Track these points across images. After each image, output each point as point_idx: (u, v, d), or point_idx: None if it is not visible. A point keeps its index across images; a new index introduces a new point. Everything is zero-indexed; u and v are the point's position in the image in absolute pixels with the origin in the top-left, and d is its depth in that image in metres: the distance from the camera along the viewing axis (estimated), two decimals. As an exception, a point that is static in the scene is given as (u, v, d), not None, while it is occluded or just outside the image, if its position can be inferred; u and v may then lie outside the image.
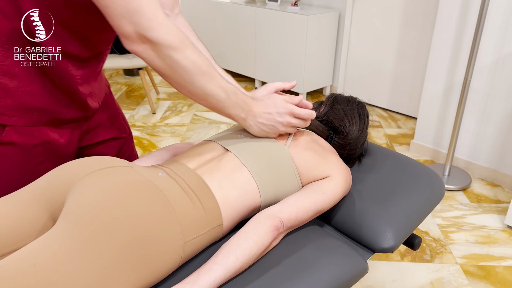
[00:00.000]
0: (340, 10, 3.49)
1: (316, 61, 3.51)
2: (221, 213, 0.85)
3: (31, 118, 0.90)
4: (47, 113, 0.93)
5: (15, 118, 0.89)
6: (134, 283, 0.70)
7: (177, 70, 0.81)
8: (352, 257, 0.86)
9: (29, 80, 0.88)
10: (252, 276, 0.78)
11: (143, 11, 0.75)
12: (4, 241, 0.77)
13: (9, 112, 0.88)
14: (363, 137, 1.13)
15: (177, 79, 0.83)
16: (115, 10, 0.74)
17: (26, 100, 0.89)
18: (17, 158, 0.92)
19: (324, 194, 0.92)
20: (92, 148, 1.11)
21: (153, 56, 0.79)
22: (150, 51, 0.78)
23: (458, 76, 2.42)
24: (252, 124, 0.95)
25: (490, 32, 2.21)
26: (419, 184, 1.07)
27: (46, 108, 0.92)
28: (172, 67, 0.80)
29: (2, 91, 0.86)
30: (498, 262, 1.79)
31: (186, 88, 0.84)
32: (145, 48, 0.77)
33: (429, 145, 2.68)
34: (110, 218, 0.71)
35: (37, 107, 0.91)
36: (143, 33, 0.76)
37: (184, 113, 3.36)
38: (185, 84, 0.83)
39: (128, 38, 0.77)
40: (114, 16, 0.75)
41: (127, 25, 0.75)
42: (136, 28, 0.75)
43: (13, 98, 0.87)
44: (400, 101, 3.35)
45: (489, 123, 2.36)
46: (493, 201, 2.24)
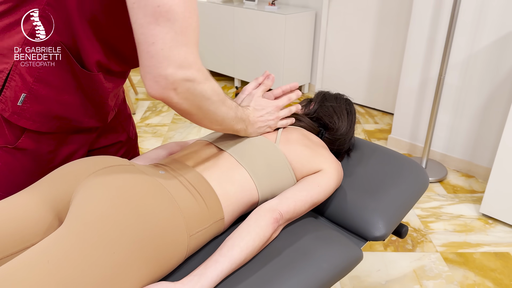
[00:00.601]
0: (316, 10, 3.55)
1: (294, 60, 3.57)
2: (222, 207, 0.88)
3: (53, 126, 0.91)
4: (70, 122, 0.93)
5: (39, 124, 0.89)
6: (145, 276, 0.73)
7: (205, 106, 0.80)
8: (348, 245, 0.91)
9: (61, 90, 0.88)
10: (256, 267, 0.82)
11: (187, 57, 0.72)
12: (11, 241, 0.78)
13: (36, 118, 0.88)
14: (351, 132, 1.18)
15: (203, 114, 0.82)
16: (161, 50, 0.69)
17: (55, 108, 0.89)
18: (28, 164, 0.93)
19: (319, 187, 0.96)
20: (99, 151, 1.13)
21: (184, 99, 0.75)
22: (181, 94, 0.74)
23: (432, 72, 2.51)
24: (252, 132, 1.01)
25: (462, 30, 2.31)
26: (405, 175, 1.12)
27: (70, 117, 0.93)
28: (200, 105, 0.79)
29: (34, 97, 0.86)
30: (475, 248, 1.89)
31: (209, 119, 0.85)
32: (177, 93, 0.73)
33: (406, 139, 2.77)
34: (119, 215, 0.73)
35: (62, 116, 0.91)
36: (181, 75, 0.72)
37: (165, 113, 3.36)
38: (209, 116, 0.84)
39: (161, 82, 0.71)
40: (156, 56, 0.70)
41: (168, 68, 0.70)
42: (176, 72, 0.71)
43: (43, 106, 0.87)
44: (376, 98, 3.44)
45: (463, 117, 2.46)
46: (468, 191, 2.34)
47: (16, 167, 0.92)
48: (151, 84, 0.72)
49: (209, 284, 0.76)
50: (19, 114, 0.87)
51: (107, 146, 1.13)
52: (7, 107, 0.86)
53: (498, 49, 2.22)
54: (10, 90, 0.85)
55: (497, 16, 2.17)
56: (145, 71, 0.72)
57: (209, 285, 0.76)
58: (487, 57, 2.27)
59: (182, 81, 0.72)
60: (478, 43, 2.28)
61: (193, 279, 0.76)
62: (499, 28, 2.18)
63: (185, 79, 0.72)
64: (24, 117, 0.87)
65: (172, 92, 0.73)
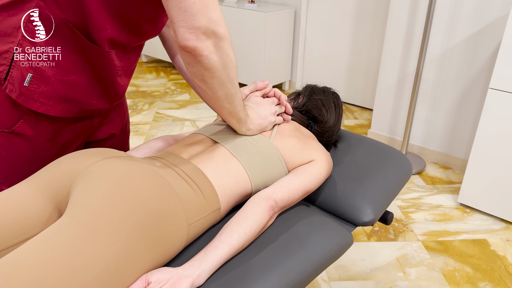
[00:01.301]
0: (295, 7, 3.60)
1: (274, 57, 3.61)
2: (218, 198, 0.91)
3: (62, 109, 0.91)
4: (78, 104, 0.94)
5: (48, 107, 0.89)
6: (148, 262, 0.75)
7: (228, 66, 0.83)
8: (339, 230, 0.95)
9: (68, 70, 0.88)
10: (254, 252, 0.85)
11: (216, 10, 0.76)
12: (10, 232, 0.79)
13: (43, 100, 0.88)
14: (339, 124, 1.23)
15: (223, 78, 0.84)
16: (193, 3, 0.73)
17: (62, 89, 0.89)
18: (25, 150, 0.93)
19: (311, 176, 1.00)
20: (95, 145, 1.13)
21: (213, 53, 0.79)
22: (212, 47, 0.78)
23: (410, 68, 2.59)
24: (252, 128, 1.04)
25: (438, 26, 2.39)
26: (390, 164, 1.17)
27: (78, 99, 0.93)
28: (226, 62, 0.82)
29: (41, 77, 0.86)
30: (454, 236, 1.96)
31: (226, 88, 0.87)
32: (208, 44, 0.77)
33: (385, 134, 2.85)
34: (122, 203, 0.75)
35: (70, 98, 0.91)
36: (213, 27, 0.76)
37: (146, 111, 3.35)
38: (226, 84, 0.86)
39: (195, 33, 0.75)
40: (190, 9, 0.74)
41: (201, 20, 0.75)
42: (209, 23, 0.75)
43: (49, 86, 0.88)
44: (355, 94, 3.52)
45: (440, 111, 2.54)
46: (446, 182, 2.42)
47: (13, 152, 0.92)
48: (186, 36, 0.75)
49: (210, 268, 0.78)
50: (26, 95, 0.87)
51: (102, 140, 1.14)
52: (14, 87, 0.86)
53: (472, 44, 2.31)
54: (16, 70, 0.85)
55: (471, 13, 2.26)
56: (179, 25, 0.75)
57: (209, 269, 0.78)
58: (462, 52, 2.35)
59: (214, 34, 0.77)
60: (453, 39, 2.36)
61: (194, 264, 0.78)
62: (473, 24, 2.27)
63: (216, 32, 0.77)
64: (31, 98, 0.87)
65: (204, 44, 0.77)
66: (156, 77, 4.19)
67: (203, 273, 0.77)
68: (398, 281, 1.69)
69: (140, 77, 4.19)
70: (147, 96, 3.65)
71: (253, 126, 1.04)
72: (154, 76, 4.22)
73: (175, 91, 3.80)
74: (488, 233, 1.99)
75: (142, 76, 4.22)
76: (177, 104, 3.48)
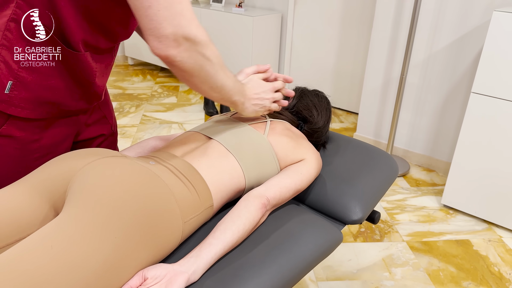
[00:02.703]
0: (282, 12, 3.64)
1: (261, 61, 3.64)
2: (211, 195, 0.93)
3: (42, 112, 0.92)
4: (58, 106, 0.94)
5: (29, 111, 0.90)
6: (144, 259, 0.76)
7: (205, 67, 0.84)
8: (330, 228, 0.98)
9: (48, 75, 0.89)
10: (247, 249, 0.87)
11: (184, 14, 0.76)
12: (7, 231, 0.79)
13: (24, 105, 0.89)
14: (328, 125, 1.26)
15: (204, 77, 0.86)
16: (158, 12, 0.74)
17: (42, 93, 0.90)
18: (13, 152, 0.93)
19: (302, 175, 1.02)
20: (84, 144, 1.14)
21: (186, 58, 0.80)
22: (184, 53, 0.79)
23: (395, 72, 2.64)
24: (248, 107, 1.04)
25: (422, 32, 2.45)
26: (377, 164, 1.21)
27: (58, 101, 0.94)
28: (202, 65, 0.83)
29: (21, 84, 0.87)
30: (438, 237, 2.01)
31: (208, 84, 0.88)
32: (180, 51, 0.78)
33: (371, 137, 2.89)
34: (118, 201, 0.76)
35: (50, 101, 0.92)
36: (182, 33, 0.77)
37: (133, 114, 3.34)
38: (209, 80, 0.88)
39: (164, 41, 0.76)
40: (155, 18, 0.75)
41: (168, 28, 0.75)
42: (177, 30, 0.76)
43: (30, 92, 0.88)
44: (341, 98, 3.56)
45: (423, 115, 2.60)
46: (430, 184, 2.48)
47: (2, 155, 0.92)
48: (155, 45, 0.77)
49: (204, 264, 0.80)
50: (7, 102, 0.87)
51: (91, 139, 1.14)
52: None
53: (455, 50, 2.37)
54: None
55: (454, 19, 2.32)
56: (148, 34, 0.77)
57: (204, 265, 0.80)
58: (445, 57, 2.41)
59: (184, 40, 0.77)
60: (436, 45, 2.43)
61: (189, 261, 0.80)
62: (456, 31, 2.33)
63: (185, 37, 0.77)
64: (12, 104, 0.88)
65: (175, 50, 0.77)
66: (142, 80, 4.18)
67: (198, 269, 0.79)
68: (384, 281, 1.73)
69: (126, 79, 4.17)
70: (133, 99, 3.64)
71: (249, 105, 1.05)
72: (140, 79, 4.21)
73: (162, 94, 3.79)
74: (471, 233, 2.04)
75: (128, 79, 4.20)
76: (164, 107, 3.48)
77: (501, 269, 1.80)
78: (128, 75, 4.34)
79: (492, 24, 1.83)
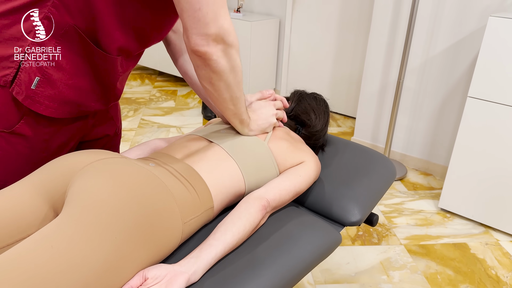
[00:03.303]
0: (280, 17, 3.66)
1: (259, 65, 3.66)
2: (212, 197, 0.93)
3: (64, 111, 0.95)
4: (79, 106, 0.97)
5: (52, 109, 0.93)
6: (144, 259, 0.77)
7: (233, 72, 0.91)
8: (329, 230, 0.99)
9: (73, 74, 0.92)
10: (247, 250, 0.88)
11: (226, 17, 0.83)
12: (7, 231, 0.79)
13: (48, 103, 0.91)
14: (326, 128, 1.27)
15: (230, 82, 0.92)
16: (207, 14, 0.80)
17: (66, 92, 0.93)
18: (23, 150, 0.94)
19: (301, 177, 1.03)
20: (89, 144, 1.15)
21: (222, 57, 0.86)
22: (220, 52, 0.85)
23: (392, 77, 2.66)
24: (254, 129, 1.09)
25: (419, 37, 2.47)
26: (375, 167, 1.22)
27: (80, 101, 0.96)
28: (233, 67, 0.90)
29: (47, 81, 0.89)
30: (435, 240, 2.02)
31: (230, 92, 0.94)
32: (217, 49, 0.85)
33: (368, 141, 2.91)
34: (118, 202, 0.76)
35: (73, 100, 0.95)
36: (223, 35, 0.83)
37: (131, 117, 3.35)
38: (232, 88, 0.93)
39: (206, 39, 0.83)
40: (203, 19, 0.81)
41: (213, 28, 0.81)
42: (219, 31, 0.82)
43: (55, 90, 0.91)
44: (338, 102, 3.58)
45: (420, 119, 2.62)
46: (427, 188, 2.49)
47: (11, 153, 0.94)
48: (198, 41, 0.83)
49: (205, 265, 0.81)
50: (32, 98, 0.90)
51: (97, 139, 1.15)
52: (21, 90, 0.88)
53: (451, 55, 2.39)
54: (24, 73, 0.87)
55: (450, 25, 2.34)
56: (192, 32, 0.83)
57: (204, 266, 0.81)
58: (442, 62, 2.43)
59: (223, 41, 0.84)
60: (433, 50, 2.45)
61: (190, 261, 0.80)
62: (452, 36, 2.36)
63: (225, 39, 0.84)
64: (37, 101, 0.90)
65: (214, 48, 0.84)
66: (140, 84, 4.19)
67: (198, 270, 0.79)
68: (382, 284, 1.73)
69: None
70: (132, 103, 3.65)
71: (255, 127, 1.09)
72: (138, 83, 4.22)
73: (160, 98, 3.80)
74: (468, 237, 2.05)
75: (126, 83, 4.21)
76: (162, 111, 3.49)
77: (498, 272, 1.81)
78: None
79: (488, 29, 1.85)
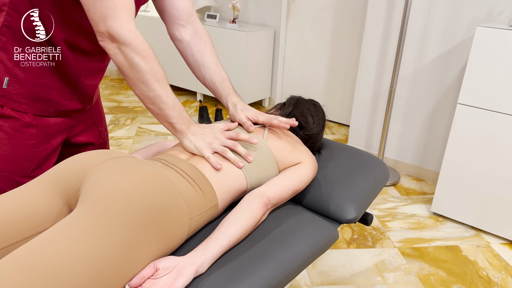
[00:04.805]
0: (275, 28, 3.74)
1: (255, 75, 3.72)
2: (216, 195, 0.99)
3: (38, 108, 1.03)
4: (52, 104, 1.05)
5: (26, 105, 1.01)
6: (154, 251, 0.82)
7: (135, 70, 0.96)
8: (327, 226, 1.04)
9: (39, 74, 1.00)
10: (250, 244, 0.93)
11: (116, 19, 0.91)
12: (24, 226, 0.84)
13: (21, 99, 1.00)
14: (322, 131, 1.33)
15: (134, 79, 0.97)
16: (95, 14, 0.91)
17: (36, 90, 1.02)
18: (13, 133, 1.02)
19: (300, 176, 1.09)
20: (74, 149, 1.20)
21: (118, 54, 0.94)
22: (116, 49, 0.94)
23: (384, 85, 2.73)
24: (188, 138, 1.05)
25: (410, 46, 2.55)
26: (369, 168, 1.27)
27: (51, 99, 1.05)
28: (131, 65, 0.95)
29: (16, 80, 0.99)
30: (428, 243, 2.07)
31: (140, 89, 0.99)
32: (113, 46, 0.94)
33: (361, 148, 2.97)
34: (130, 197, 0.81)
35: (44, 98, 1.03)
36: (114, 34, 0.92)
37: (128, 126, 3.39)
38: (139, 85, 0.98)
39: (101, 35, 0.93)
40: (93, 18, 0.92)
41: (101, 26, 0.92)
42: (109, 30, 0.92)
43: (25, 88, 1.00)
44: (332, 110, 3.65)
45: (412, 126, 2.69)
46: (420, 193, 2.55)
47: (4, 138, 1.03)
48: (97, 36, 0.94)
49: (211, 257, 0.85)
50: (6, 97, 0.99)
51: (81, 145, 1.22)
52: None
53: (441, 63, 2.47)
54: None
55: (440, 34, 2.43)
56: (93, 28, 0.94)
57: (211, 258, 0.85)
58: (433, 70, 2.51)
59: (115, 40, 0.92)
60: (424, 58, 2.53)
61: (197, 254, 0.85)
62: (442, 45, 2.44)
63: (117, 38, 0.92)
64: (10, 99, 1.00)
65: (109, 45, 0.94)
66: (137, 93, 4.23)
67: (205, 262, 0.84)
68: (377, 285, 1.78)
69: (121, 93, 4.23)
70: (129, 112, 3.69)
71: (190, 137, 1.05)
72: (135, 92, 4.26)
73: (157, 107, 3.84)
74: (460, 240, 2.11)
75: (123, 92, 4.26)
76: (159, 120, 3.53)
77: (489, 273, 1.87)
78: (123, 88, 4.40)
79: (475, 39, 1.93)
